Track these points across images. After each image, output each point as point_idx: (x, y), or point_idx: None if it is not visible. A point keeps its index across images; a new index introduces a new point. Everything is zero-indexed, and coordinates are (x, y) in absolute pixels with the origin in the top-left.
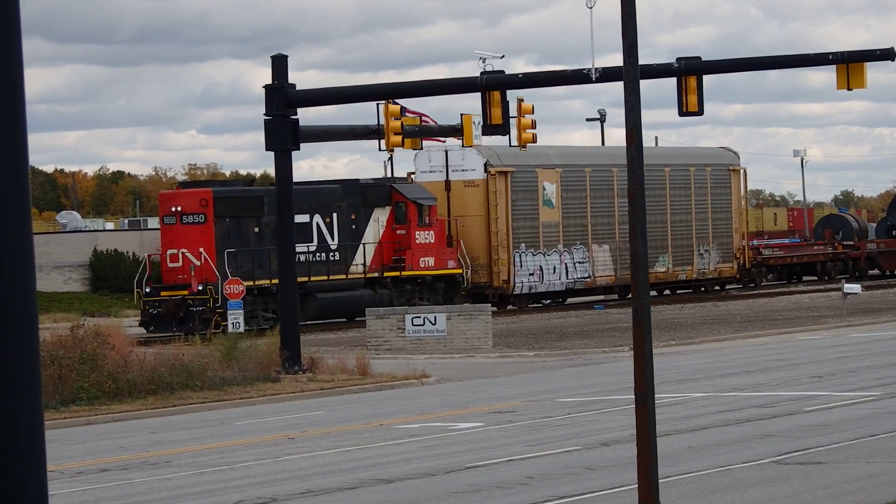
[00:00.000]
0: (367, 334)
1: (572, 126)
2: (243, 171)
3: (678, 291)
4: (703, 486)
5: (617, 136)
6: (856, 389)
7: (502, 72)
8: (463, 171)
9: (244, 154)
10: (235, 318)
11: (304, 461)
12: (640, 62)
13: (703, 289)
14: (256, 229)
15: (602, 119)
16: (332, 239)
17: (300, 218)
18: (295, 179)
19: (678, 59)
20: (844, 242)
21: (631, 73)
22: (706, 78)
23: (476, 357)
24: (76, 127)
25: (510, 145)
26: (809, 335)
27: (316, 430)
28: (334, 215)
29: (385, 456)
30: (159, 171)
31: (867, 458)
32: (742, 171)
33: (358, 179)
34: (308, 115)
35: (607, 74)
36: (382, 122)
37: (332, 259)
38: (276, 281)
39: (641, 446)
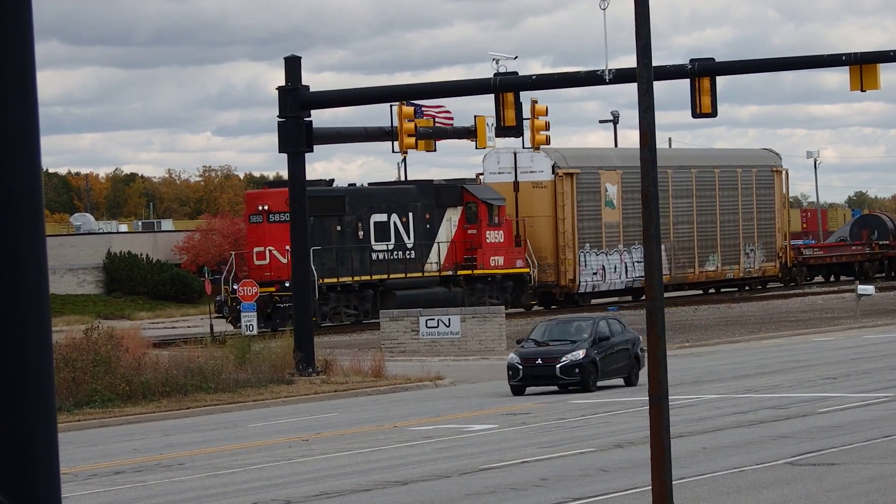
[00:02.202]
0: (381, 336)
1: (588, 128)
2: (257, 174)
3: (722, 290)
4: (717, 488)
5: (632, 137)
6: (869, 391)
7: (516, 73)
8: (531, 172)
9: (259, 156)
10: (248, 321)
11: (318, 463)
12: (657, 63)
13: (747, 287)
14: (338, 228)
15: (615, 121)
16: (408, 238)
17: (378, 217)
18: (364, 181)
19: (692, 61)
20: (880, 242)
21: (644, 74)
22: (722, 79)
23: (490, 359)
24: (92, 129)
25: (524, 147)
26: (823, 336)
27: (330, 432)
28: (410, 215)
29: (399, 458)
30: (173, 173)
31: (880, 459)
32: (784, 172)
33: (431, 180)
34: (324, 118)
35: (621, 76)
36: (396, 123)
37: (408, 257)
38: (357, 278)
39: (655, 448)
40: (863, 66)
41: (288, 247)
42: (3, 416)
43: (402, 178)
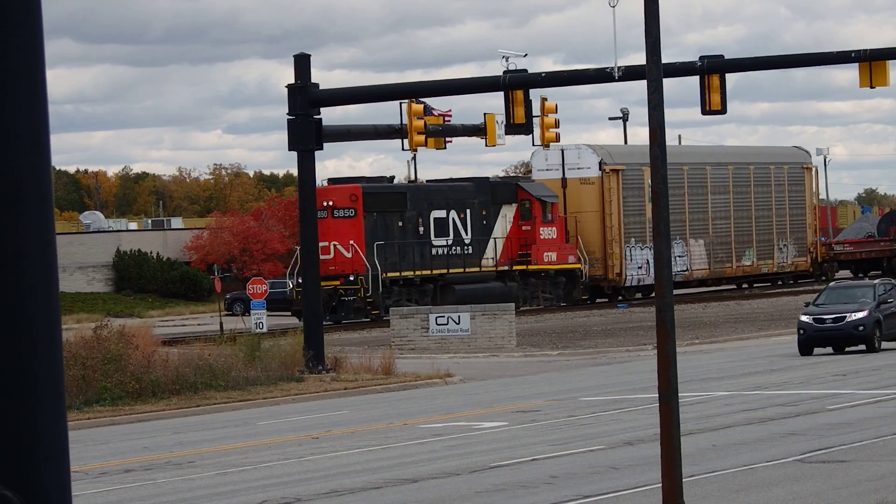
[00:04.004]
0: (391, 334)
1: (598, 125)
2: (267, 172)
3: (755, 285)
4: (727, 485)
5: (642, 134)
6: (879, 387)
7: (525, 71)
8: (578, 169)
9: (270, 154)
10: (258, 318)
11: (327, 461)
12: (668, 60)
13: (779, 282)
14: (400, 223)
15: (625, 118)
16: (466, 234)
17: (438, 213)
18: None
19: (701, 58)
20: None
21: (654, 71)
22: (733, 77)
23: (500, 356)
24: (103, 127)
25: (533, 144)
26: None
27: (340, 430)
28: (468, 211)
29: (409, 455)
30: (183, 171)
31: (890, 456)
32: (814, 170)
33: (488, 178)
34: (335, 115)
35: (630, 73)
36: (405, 121)
37: (466, 252)
38: (419, 272)
39: (665, 445)
40: (872, 62)
41: (352, 241)
42: (13, 414)
43: (413, 177)
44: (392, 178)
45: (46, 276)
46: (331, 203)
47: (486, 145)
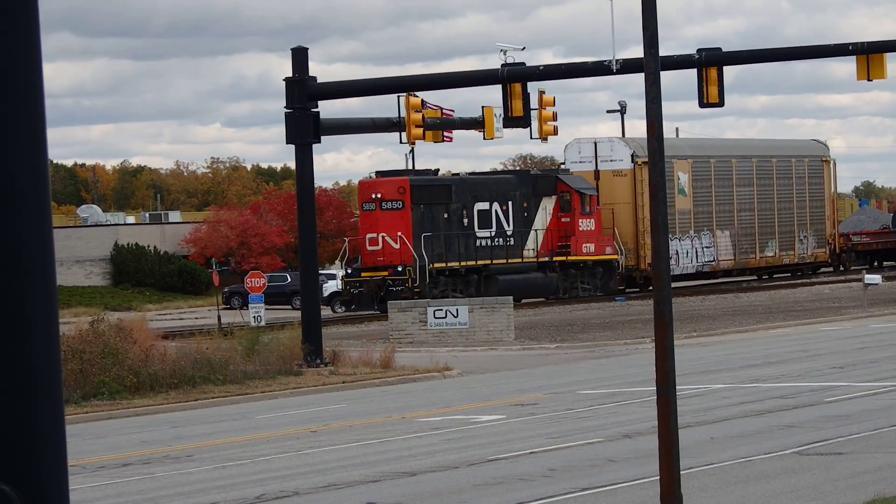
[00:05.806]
0: (389, 327)
1: (597, 118)
2: (265, 165)
3: (775, 276)
4: (725, 478)
5: (640, 127)
6: (877, 380)
7: (523, 64)
8: (611, 161)
9: (270, 147)
10: (257, 312)
11: (326, 455)
12: (669, 53)
13: (799, 273)
14: (445, 215)
15: (622, 111)
16: (508, 225)
17: (481, 205)
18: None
19: (699, 51)
20: None
21: (651, 64)
22: (734, 70)
23: (498, 350)
24: (103, 120)
25: (531, 137)
26: (830, 326)
27: (338, 424)
28: (509, 203)
29: (407, 449)
30: (181, 164)
31: (888, 448)
32: (832, 162)
33: (529, 170)
34: (335, 108)
35: (628, 66)
36: (403, 114)
37: (508, 244)
38: (464, 263)
39: (663, 438)
40: (870, 55)
41: (400, 233)
42: (10, 408)
43: (411, 169)
44: (437, 171)
45: (44, 270)
46: (379, 195)
47: (485, 138)
